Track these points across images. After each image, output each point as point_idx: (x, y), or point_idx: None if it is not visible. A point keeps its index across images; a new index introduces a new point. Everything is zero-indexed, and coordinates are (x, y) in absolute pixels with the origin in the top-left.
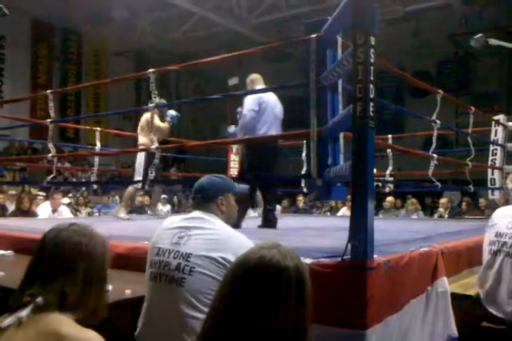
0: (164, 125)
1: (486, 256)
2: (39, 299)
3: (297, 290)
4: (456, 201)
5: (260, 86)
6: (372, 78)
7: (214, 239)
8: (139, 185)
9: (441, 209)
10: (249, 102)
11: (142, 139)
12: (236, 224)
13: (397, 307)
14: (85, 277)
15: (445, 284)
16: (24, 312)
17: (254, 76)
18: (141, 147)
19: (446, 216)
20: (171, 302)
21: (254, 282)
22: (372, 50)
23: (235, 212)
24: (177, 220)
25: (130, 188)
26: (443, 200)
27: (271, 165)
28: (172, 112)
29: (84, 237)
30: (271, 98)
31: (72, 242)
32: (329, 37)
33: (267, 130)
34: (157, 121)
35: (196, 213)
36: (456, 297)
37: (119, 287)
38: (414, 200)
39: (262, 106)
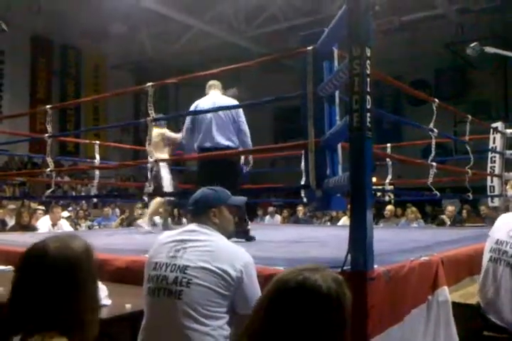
0: (178, 135)
1: (485, 263)
2: (30, 324)
3: (338, 316)
4: (456, 209)
5: (213, 91)
6: (368, 89)
7: (210, 250)
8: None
9: (443, 216)
10: (187, 118)
11: (157, 155)
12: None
13: (399, 317)
14: (78, 296)
15: (446, 293)
16: (16, 338)
17: (211, 82)
18: (161, 162)
19: (449, 223)
20: (170, 316)
21: (293, 304)
22: (368, 62)
23: (230, 223)
24: (173, 234)
25: (159, 199)
26: (450, 208)
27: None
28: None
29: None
30: (206, 106)
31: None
32: (325, 49)
33: (200, 143)
34: (172, 133)
35: (191, 226)
36: (457, 306)
37: (119, 301)
38: (414, 209)
39: (194, 118)
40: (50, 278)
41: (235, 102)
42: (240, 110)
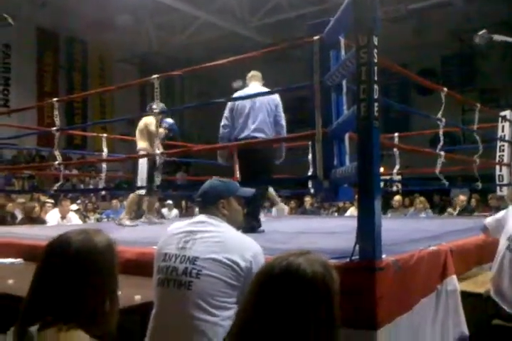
0: (161, 131)
1: (501, 251)
2: (48, 315)
3: (325, 300)
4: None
5: (253, 83)
6: (375, 78)
7: (219, 241)
8: (143, 191)
9: (449, 209)
10: (226, 107)
11: (142, 144)
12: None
13: (407, 306)
14: (96, 288)
15: (455, 282)
16: (33, 328)
17: (251, 73)
18: (141, 152)
19: (456, 213)
20: (180, 307)
21: (279, 290)
22: (375, 51)
23: (239, 215)
24: (182, 225)
25: (132, 195)
26: (462, 198)
27: (259, 173)
28: (169, 120)
29: (94, 251)
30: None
31: (81, 253)
32: (332, 38)
33: (238, 133)
34: (154, 128)
35: (200, 217)
36: (466, 295)
37: (129, 293)
38: (422, 199)
39: (233, 109)
40: (71, 270)
41: (276, 95)
42: (280, 105)
